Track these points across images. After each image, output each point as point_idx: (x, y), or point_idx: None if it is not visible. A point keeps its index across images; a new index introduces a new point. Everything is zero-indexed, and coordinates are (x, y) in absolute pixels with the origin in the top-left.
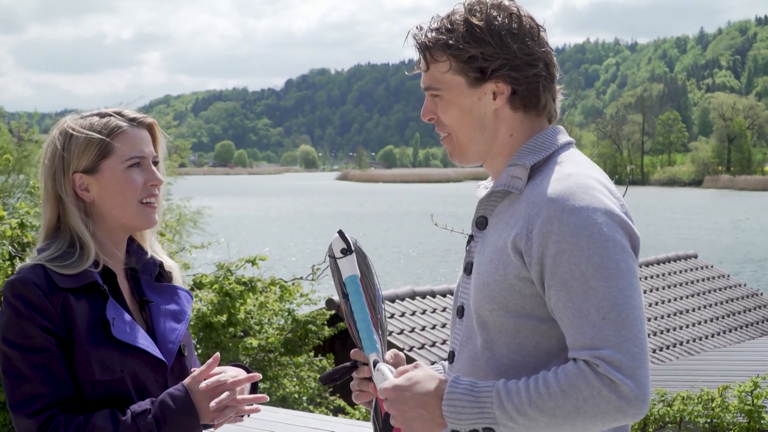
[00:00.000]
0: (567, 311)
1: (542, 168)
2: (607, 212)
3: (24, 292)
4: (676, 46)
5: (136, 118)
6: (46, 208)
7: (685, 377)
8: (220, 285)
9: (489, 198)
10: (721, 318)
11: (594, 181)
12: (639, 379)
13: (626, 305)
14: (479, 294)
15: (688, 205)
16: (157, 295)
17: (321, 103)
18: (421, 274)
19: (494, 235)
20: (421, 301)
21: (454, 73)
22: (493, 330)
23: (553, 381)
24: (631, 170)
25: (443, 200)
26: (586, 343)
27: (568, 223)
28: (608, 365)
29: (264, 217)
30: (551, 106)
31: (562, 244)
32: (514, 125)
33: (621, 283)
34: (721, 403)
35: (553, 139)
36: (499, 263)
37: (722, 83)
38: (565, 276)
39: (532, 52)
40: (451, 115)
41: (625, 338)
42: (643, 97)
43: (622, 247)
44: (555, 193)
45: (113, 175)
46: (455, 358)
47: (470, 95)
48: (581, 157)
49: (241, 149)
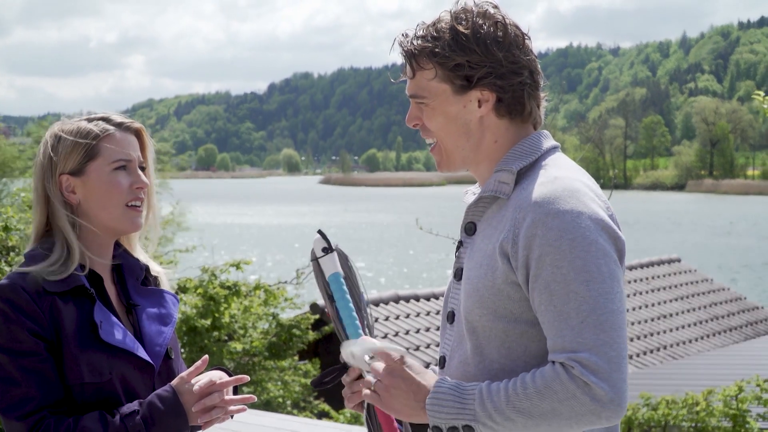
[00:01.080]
0: (548, 314)
1: (529, 173)
2: (591, 216)
3: (11, 296)
4: (658, 50)
5: (123, 123)
6: (36, 210)
7: (670, 381)
8: (205, 289)
9: (477, 204)
10: (705, 322)
11: (580, 185)
12: (614, 383)
13: (606, 309)
14: (469, 299)
15: (671, 209)
16: (143, 298)
17: (304, 107)
18: (405, 277)
19: (483, 241)
20: (405, 305)
21: (440, 80)
22: (482, 335)
23: (530, 382)
24: (615, 175)
25: (427, 204)
26: (565, 345)
27: (552, 226)
28: (583, 368)
29: (248, 224)
30: (536, 112)
31: (546, 248)
32: (499, 132)
33: (602, 287)
34: (705, 407)
35: (538, 144)
36: (488, 268)
37: (705, 87)
38: (547, 279)
39: (517, 60)
40: (436, 122)
41: (603, 342)
42: (625, 102)
43: (605, 251)
44: (541, 196)
45: (99, 177)
46: (446, 363)
47: (455, 102)
48: (567, 161)
49: (224, 153)
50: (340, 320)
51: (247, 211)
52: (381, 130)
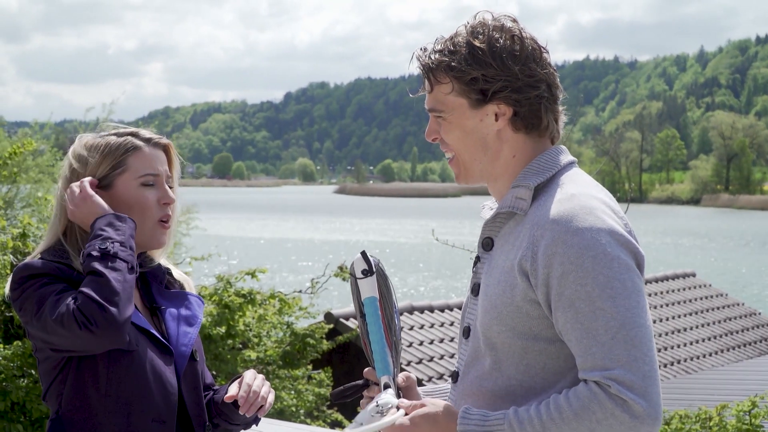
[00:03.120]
0: (575, 332)
1: (546, 189)
2: (610, 232)
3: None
4: (675, 64)
5: (152, 138)
6: (56, 221)
7: (683, 396)
8: (220, 297)
9: (494, 219)
10: (720, 337)
11: (597, 202)
12: (651, 398)
13: (634, 324)
14: (487, 315)
15: (686, 223)
16: (167, 301)
17: (320, 117)
18: (421, 288)
19: (501, 257)
20: (419, 316)
21: (457, 94)
22: (501, 351)
23: (565, 405)
24: (631, 188)
25: (442, 214)
26: (596, 363)
27: (572, 244)
28: (620, 385)
29: (265, 237)
30: (553, 126)
31: (567, 266)
32: (517, 146)
33: (628, 302)
34: (719, 422)
35: (556, 160)
36: (507, 285)
37: (722, 102)
38: (571, 297)
39: (534, 73)
40: (454, 136)
41: (635, 357)
42: (642, 115)
43: (627, 266)
44: (559, 214)
45: (127, 191)
46: (459, 378)
47: (472, 116)
48: (584, 176)
49: (239, 161)
50: (369, 340)
51: (264, 224)
52: (396, 140)
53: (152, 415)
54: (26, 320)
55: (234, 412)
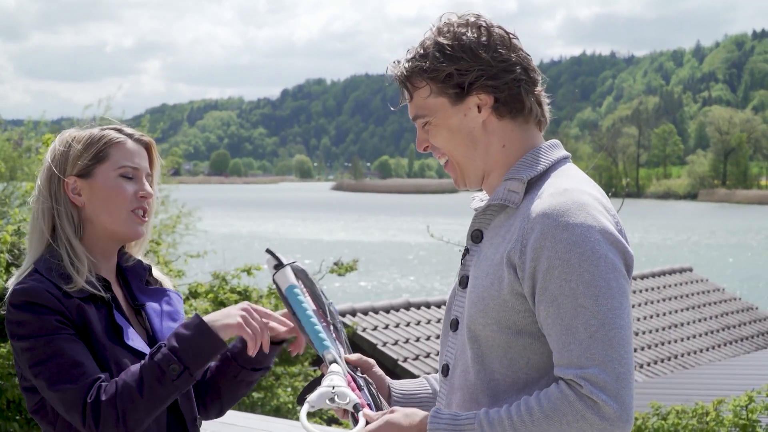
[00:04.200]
0: (555, 327)
1: (539, 182)
2: (601, 230)
3: (38, 297)
4: (672, 59)
5: (134, 134)
6: (41, 216)
7: (680, 391)
8: (215, 294)
9: (485, 212)
10: (716, 332)
11: (590, 198)
12: (623, 400)
13: (614, 325)
14: (474, 308)
15: (683, 218)
16: (148, 298)
17: (317, 113)
18: (417, 285)
19: (490, 250)
20: (415, 312)
21: (436, 95)
22: (484, 344)
23: (535, 406)
24: (627, 184)
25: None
26: (572, 360)
27: (561, 239)
28: (592, 386)
29: (260, 235)
30: (537, 110)
31: (554, 260)
32: (505, 135)
33: (611, 303)
34: (715, 417)
35: (549, 154)
36: (495, 278)
37: (718, 97)
38: (555, 292)
39: (506, 58)
40: (442, 138)
41: (611, 358)
42: (638, 110)
43: (614, 266)
44: (550, 208)
45: (105, 181)
46: (450, 372)
47: (455, 113)
48: (578, 172)
49: (236, 158)
50: (303, 329)
51: (260, 221)
52: (393, 136)
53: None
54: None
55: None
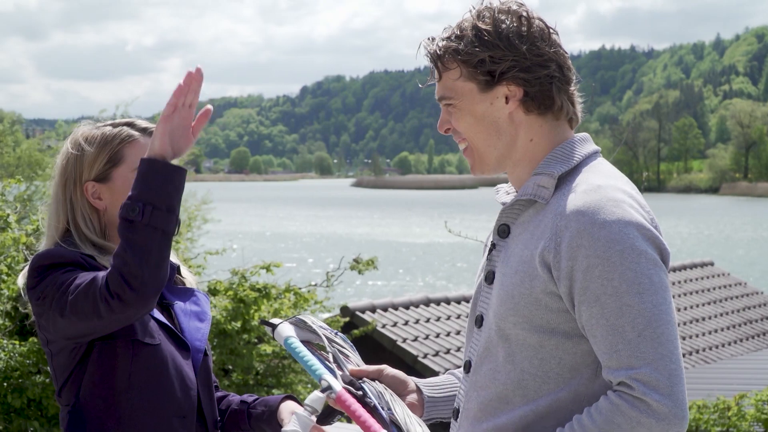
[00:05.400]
0: (600, 328)
1: (569, 178)
2: (638, 226)
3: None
4: (692, 53)
5: (147, 128)
6: (56, 216)
7: (701, 386)
8: (235, 291)
9: (513, 206)
10: (738, 326)
11: (624, 194)
12: (676, 397)
13: (661, 321)
14: (503, 306)
15: (705, 212)
16: (177, 297)
17: (336, 110)
18: (436, 280)
19: (519, 246)
20: (435, 308)
21: (465, 79)
22: (515, 344)
23: (589, 423)
24: (646, 177)
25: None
26: (622, 362)
27: (599, 237)
28: (645, 386)
29: (280, 232)
30: (568, 108)
31: (593, 259)
32: (533, 129)
33: (655, 299)
34: (737, 411)
35: (580, 148)
36: (525, 276)
37: (739, 90)
38: (597, 292)
39: (542, 53)
40: (465, 123)
41: (661, 355)
42: (659, 104)
43: (654, 261)
44: (585, 205)
45: (124, 183)
46: (472, 369)
47: (482, 100)
48: (609, 167)
49: (256, 156)
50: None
51: (280, 218)
52: (413, 132)
53: (174, 409)
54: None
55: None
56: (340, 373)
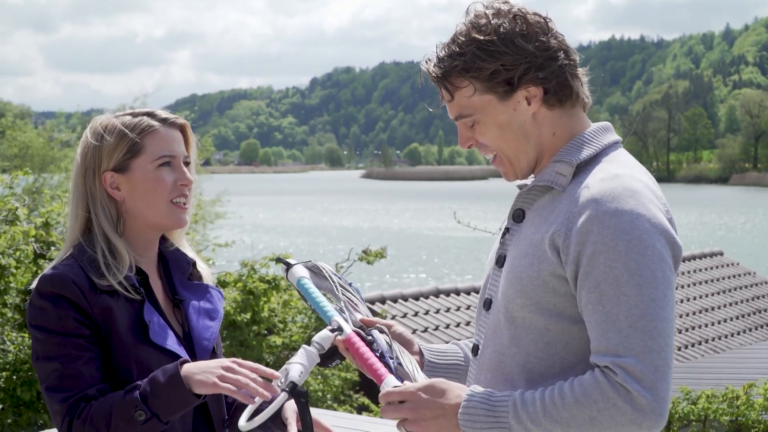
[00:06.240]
0: (596, 314)
1: (588, 166)
2: (651, 219)
3: (62, 287)
4: (702, 43)
5: (167, 119)
6: (76, 207)
7: (710, 375)
8: (244, 283)
9: (529, 191)
10: (747, 315)
11: (641, 185)
12: (658, 392)
13: (656, 316)
14: (511, 288)
15: (714, 202)
16: (190, 293)
17: (346, 102)
18: (445, 271)
19: (531, 230)
20: (445, 299)
21: (481, 93)
22: (521, 326)
23: (568, 391)
24: (656, 167)
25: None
26: (610, 348)
27: (609, 225)
28: (627, 374)
29: (289, 224)
30: (581, 92)
31: (600, 246)
32: (555, 123)
33: (654, 293)
34: (746, 401)
35: (600, 137)
36: (534, 258)
37: (749, 80)
38: (598, 278)
39: (549, 46)
40: (491, 135)
41: (650, 349)
42: (668, 94)
43: (661, 256)
44: (600, 193)
45: (144, 174)
46: (479, 352)
47: (505, 109)
48: (629, 157)
49: (266, 148)
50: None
51: (290, 210)
52: (423, 124)
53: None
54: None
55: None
56: (351, 318)
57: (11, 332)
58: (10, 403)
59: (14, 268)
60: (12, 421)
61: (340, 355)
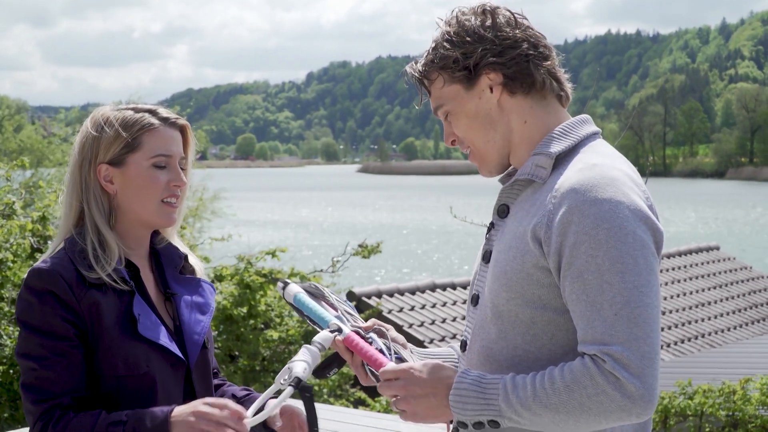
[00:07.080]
0: (580, 303)
1: (567, 158)
2: (630, 206)
3: (49, 283)
4: (698, 37)
5: (168, 118)
6: (71, 197)
7: (707, 370)
8: (241, 277)
9: (512, 186)
10: (743, 310)
11: (620, 173)
12: (645, 379)
13: (640, 303)
14: (496, 282)
15: (710, 196)
16: (181, 287)
17: (342, 96)
18: (441, 266)
19: (514, 223)
20: (441, 293)
21: (449, 83)
22: (507, 320)
23: (558, 377)
24: (650, 162)
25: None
26: (596, 337)
27: (589, 214)
28: (615, 362)
29: (285, 218)
30: (552, 85)
31: (581, 236)
32: (524, 111)
33: (637, 280)
34: (742, 395)
35: (579, 129)
36: (517, 251)
37: (745, 74)
38: (580, 268)
39: (510, 36)
40: (462, 125)
41: (636, 336)
42: (664, 88)
43: (643, 243)
44: (579, 183)
45: (138, 170)
46: (467, 347)
47: (470, 98)
48: (608, 147)
49: (262, 142)
50: (312, 321)
51: (285, 204)
52: (419, 118)
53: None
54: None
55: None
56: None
57: (8, 326)
58: (7, 397)
59: (11, 262)
60: (8, 416)
61: (337, 364)
